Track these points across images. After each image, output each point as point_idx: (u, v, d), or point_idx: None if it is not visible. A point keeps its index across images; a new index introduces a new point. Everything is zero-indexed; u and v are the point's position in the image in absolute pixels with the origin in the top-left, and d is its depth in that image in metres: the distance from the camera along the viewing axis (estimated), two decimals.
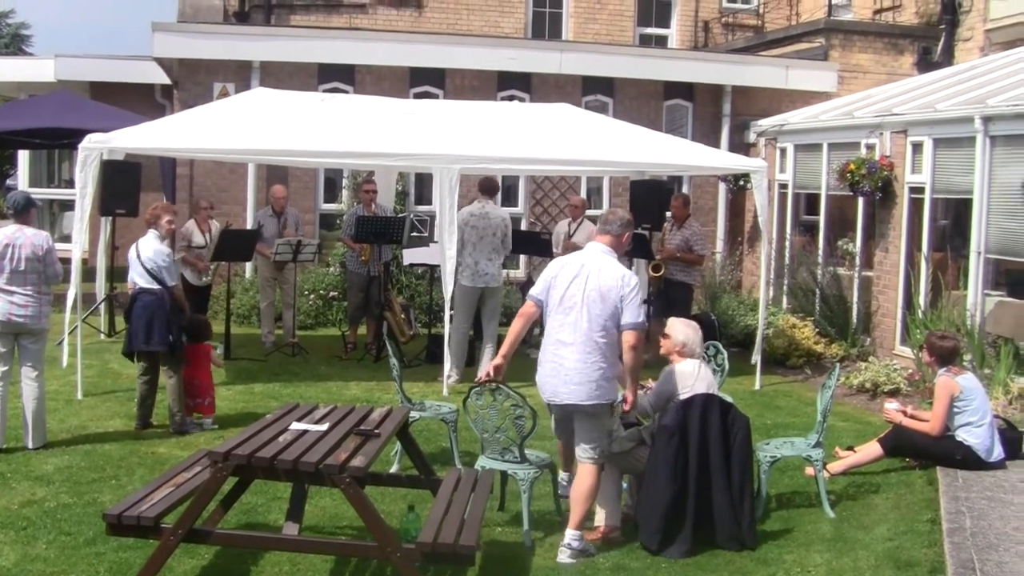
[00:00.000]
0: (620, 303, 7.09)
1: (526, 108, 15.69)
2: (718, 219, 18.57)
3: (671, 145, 13.69)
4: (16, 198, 9.32)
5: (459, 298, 12.39)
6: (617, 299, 7.09)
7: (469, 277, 12.44)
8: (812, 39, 19.09)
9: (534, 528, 7.43)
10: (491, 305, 12.75)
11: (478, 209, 12.60)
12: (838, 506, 8.22)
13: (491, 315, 12.76)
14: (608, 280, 7.13)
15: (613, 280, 7.13)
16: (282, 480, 6.42)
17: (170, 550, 6.06)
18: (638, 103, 18.24)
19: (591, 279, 7.15)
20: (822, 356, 13.97)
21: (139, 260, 9.93)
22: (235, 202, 16.77)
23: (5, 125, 17.33)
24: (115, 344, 13.66)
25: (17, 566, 6.64)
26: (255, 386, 11.90)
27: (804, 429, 9.87)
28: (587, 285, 7.14)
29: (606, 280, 7.13)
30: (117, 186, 12.64)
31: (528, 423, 7.25)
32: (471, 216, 12.54)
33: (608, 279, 7.13)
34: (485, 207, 12.61)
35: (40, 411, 9.19)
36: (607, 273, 7.17)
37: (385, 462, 8.68)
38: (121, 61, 21.06)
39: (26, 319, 8.97)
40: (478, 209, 12.60)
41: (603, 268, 7.20)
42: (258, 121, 12.31)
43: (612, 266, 7.24)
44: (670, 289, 13.61)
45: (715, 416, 7.28)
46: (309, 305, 15.93)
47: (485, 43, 18.07)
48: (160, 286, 9.90)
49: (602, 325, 7.10)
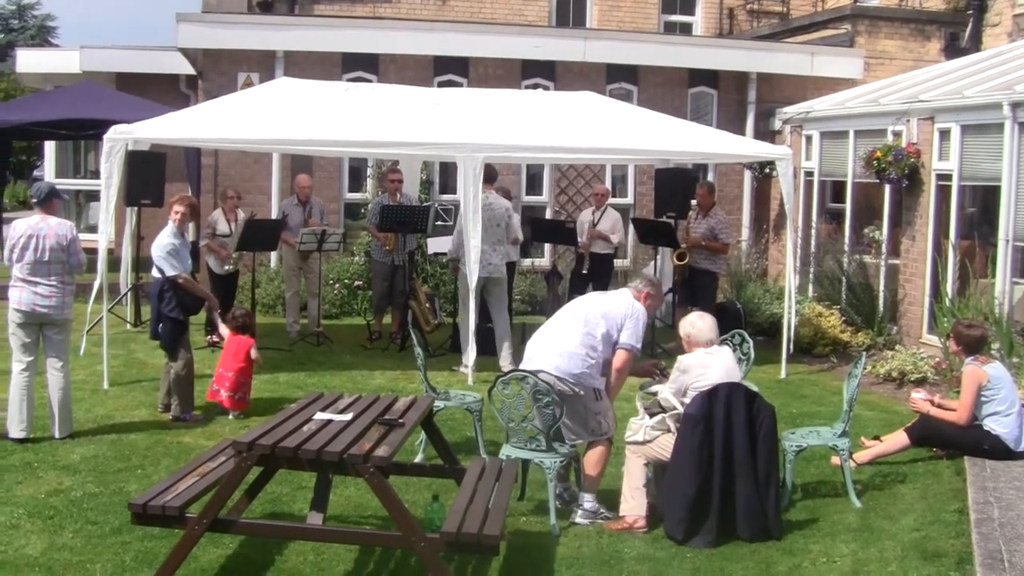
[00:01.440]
0: (622, 321, 7.61)
1: (550, 96, 15.64)
2: (743, 207, 18.48)
3: (696, 133, 13.63)
4: (40, 187, 9.36)
5: (463, 289, 12.48)
6: (621, 319, 7.62)
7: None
8: (838, 25, 18.96)
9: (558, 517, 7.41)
10: (497, 294, 12.75)
11: (482, 200, 12.55)
12: (864, 496, 8.17)
13: (499, 306, 12.76)
14: (618, 305, 7.74)
15: (623, 305, 7.73)
16: (306, 470, 6.42)
17: (195, 539, 6.07)
18: (663, 91, 18.17)
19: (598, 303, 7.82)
20: (848, 345, 13.89)
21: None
22: (260, 192, 16.79)
23: (32, 116, 17.45)
24: (140, 334, 13.75)
25: (44, 555, 6.67)
26: (280, 375, 11.92)
27: (830, 418, 9.83)
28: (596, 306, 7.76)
29: (617, 305, 7.73)
30: (142, 176, 12.69)
31: (556, 411, 7.24)
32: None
33: (619, 305, 7.74)
34: (488, 197, 12.51)
35: (66, 401, 9.23)
36: (619, 301, 7.81)
37: (409, 451, 8.68)
38: (146, 52, 21.10)
39: (50, 310, 9.01)
40: (482, 200, 12.55)
41: (618, 297, 7.86)
42: (282, 111, 12.32)
43: (627, 298, 7.82)
44: (695, 278, 13.58)
45: (740, 405, 7.24)
46: (334, 294, 15.96)
47: (509, 31, 18.04)
48: (161, 275, 9.99)
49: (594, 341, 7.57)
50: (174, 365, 10.04)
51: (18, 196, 36.17)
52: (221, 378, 10.18)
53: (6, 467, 8.38)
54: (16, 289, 8.99)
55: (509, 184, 16.66)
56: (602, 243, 14.48)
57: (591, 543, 7.17)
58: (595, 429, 7.64)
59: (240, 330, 10.35)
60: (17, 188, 38.03)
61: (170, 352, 10.07)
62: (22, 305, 8.95)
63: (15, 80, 35.42)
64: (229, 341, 10.30)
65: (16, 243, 8.95)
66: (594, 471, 7.64)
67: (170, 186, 13.68)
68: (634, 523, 7.38)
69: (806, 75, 18.17)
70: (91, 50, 20.85)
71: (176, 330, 10.08)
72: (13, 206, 32.31)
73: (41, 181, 13.19)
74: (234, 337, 10.30)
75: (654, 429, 7.57)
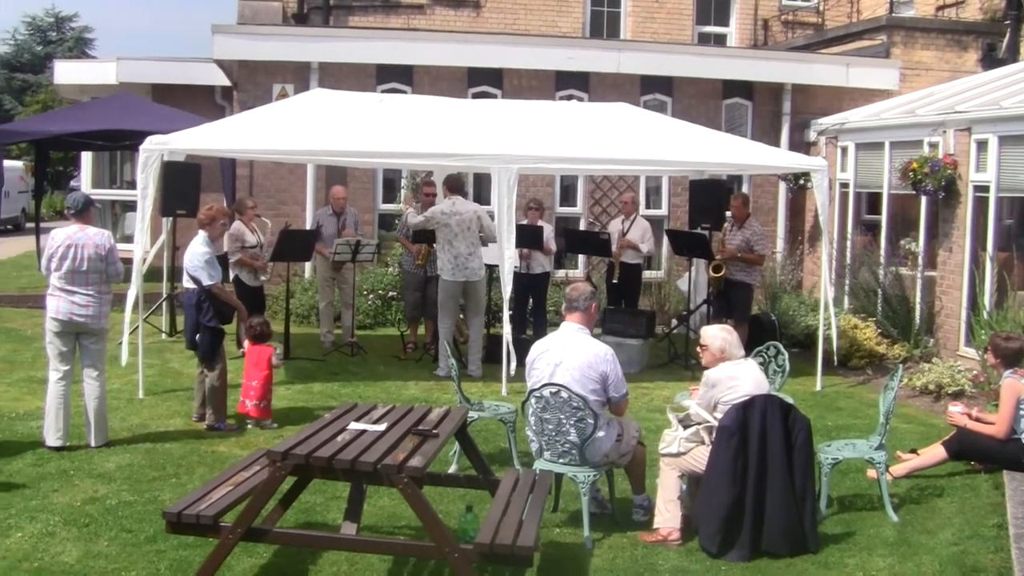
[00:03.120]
0: (605, 381, 7.43)
1: (584, 107, 15.63)
2: (778, 218, 18.42)
3: (730, 144, 13.58)
4: (76, 198, 9.41)
5: (442, 293, 12.71)
6: (601, 374, 7.41)
7: (450, 272, 12.58)
8: (873, 36, 18.87)
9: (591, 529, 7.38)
10: (475, 299, 12.82)
11: (448, 207, 12.63)
12: (901, 510, 8.10)
13: (476, 310, 12.85)
14: (588, 357, 7.43)
15: (593, 357, 7.43)
16: (340, 480, 6.42)
17: (229, 548, 6.08)
18: (697, 102, 18.13)
19: (569, 360, 7.43)
20: (884, 357, 13.79)
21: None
22: (294, 202, 16.87)
23: (69, 127, 17.60)
24: (175, 343, 13.82)
25: (80, 562, 6.71)
26: (314, 385, 11.94)
27: (866, 431, 9.76)
28: (568, 366, 7.41)
29: (586, 357, 7.43)
30: (178, 187, 12.75)
31: (589, 425, 7.23)
32: (442, 215, 12.61)
33: (588, 356, 7.44)
34: (455, 204, 12.63)
35: (102, 410, 9.29)
36: (587, 351, 7.48)
37: (443, 462, 8.67)
38: (182, 63, 21.24)
39: (87, 319, 9.06)
40: (448, 207, 12.63)
41: (582, 347, 7.50)
42: (317, 122, 12.36)
43: (589, 344, 7.55)
44: (730, 290, 13.51)
45: (776, 417, 7.19)
46: (368, 305, 15.98)
47: (543, 43, 18.05)
48: (196, 285, 10.03)
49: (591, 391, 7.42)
50: (210, 374, 10.08)
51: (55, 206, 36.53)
52: (247, 388, 10.19)
53: (43, 475, 8.43)
54: (54, 298, 9.05)
55: (543, 195, 16.68)
56: (632, 252, 14.46)
57: (625, 555, 7.14)
58: (624, 451, 7.68)
59: (258, 339, 10.37)
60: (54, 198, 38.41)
61: (208, 362, 10.11)
62: (59, 314, 9.01)
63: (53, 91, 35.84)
64: (250, 351, 10.30)
65: (54, 253, 9.02)
66: (639, 473, 7.83)
67: (205, 196, 13.75)
68: (668, 535, 7.34)
69: (841, 86, 18.11)
70: (128, 62, 21.00)
71: (214, 339, 10.13)
72: (50, 216, 32.63)
73: (76, 191, 13.25)
74: (253, 347, 10.32)
75: (688, 441, 7.53)
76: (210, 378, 10.06)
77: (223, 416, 10.11)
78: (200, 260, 10.02)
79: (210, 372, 10.08)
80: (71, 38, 54.40)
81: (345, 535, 6.75)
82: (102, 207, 20.89)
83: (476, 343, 12.77)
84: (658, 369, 13.38)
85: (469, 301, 12.87)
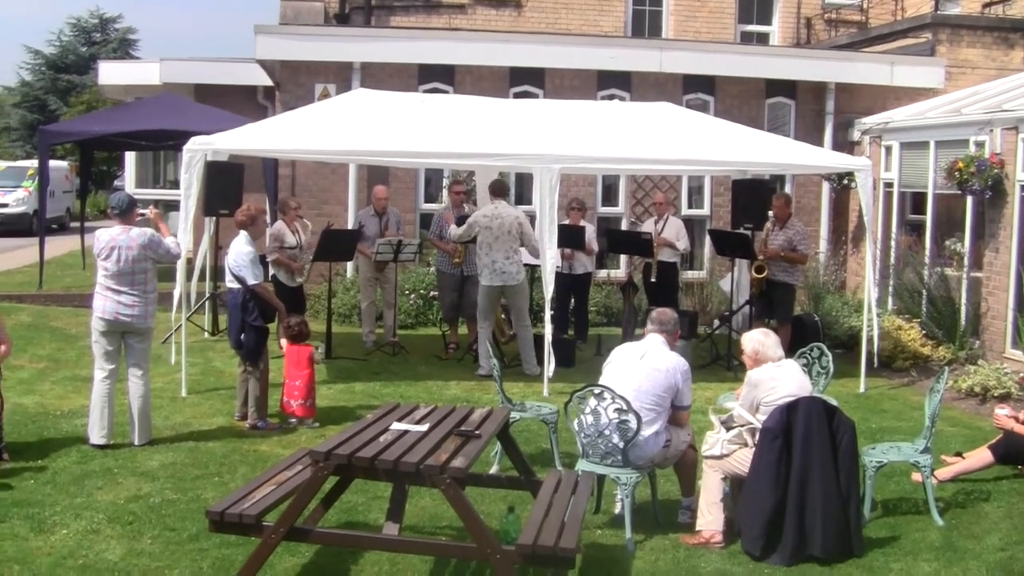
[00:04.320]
0: (675, 391, 7.51)
1: (626, 107, 15.60)
2: (821, 218, 18.28)
3: (773, 144, 13.50)
4: (120, 199, 9.45)
5: (481, 297, 12.76)
6: (673, 384, 7.50)
7: (488, 276, 12.60)
8: (918, 34, 18.68)
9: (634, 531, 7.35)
10: (517, 303, 12.81)
11: (490, 211, 12.65)
12: (947, 514, 8.02)
13: (519, 312, 12.81)
14: (667, 365, 7.53)
15: (671, 366, 7.53)
16: (382, 480, 6.42)
17: (271, 548, 6.10)
18: (739, 101, 18.04)
19: (647, 363, 7.55)
20: (929, 359, 13.68)
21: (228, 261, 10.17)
22: (336, 202, 16.92)
23: (113, 127, 17.73)
24: (218, 342, 13.89)
25: (123, 560, 6.76)
26: (356, 385, 11.97)
27: (910, 433, 9.67)
28: (644, 368, 7.52)
29: (665, 365, 7.53)
30: (220, 187, 12.79)
31: (632, 427, 7.20)
32: (483, 218, 12.64)
33: (667, 364, 7.54)
34: (497, 208, 12.64)
35: (146, 408, 9.35)
36: (666, 360, 7.59)
37: (485, 463, 8.66)
38: (224, 64, 21.37)
39: (133, 318, 9.13)
40: (490, 211, 12.65)
41: (662, 355, 7.62)
42: (359, 122, 12.39)
43: (670, 354, 7.67)
44: (772, 290, 13.42)
45: (820, 420, 7.13)
46: (409, 305, 16.01)
47: (585, 42, 18.01)
48: (240, 285, 10.07)
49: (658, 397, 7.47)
50: (253, 374, 10.11)
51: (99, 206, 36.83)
52: (291, 388, 10.22)
53: (87, 472, 8.50)
54: (100, 298, 9.13)
55: (585, 195, 16.64)
56: (668, 251, 14.45)
57: (667, 557, 7.10)
58: (672, 457, 7.67)
59: (296, 339, 10.39)
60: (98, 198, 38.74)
61: (253, 361, 10.14)
62: (106, 313, 9.09)
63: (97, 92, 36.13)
64: (289, 351, 10.33)
65: (99, 253, 9.11)
66: (689, 475, 7.82)
67: (248, 196, 13.75)
68: (711, 538, 7.30)
69: (886, 85, 17.93)
70: (171, 62, 21.16)
71: (259, 339, 10.17)
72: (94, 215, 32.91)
73: (120, 191, 13.34)
74: (292, 346, 10.35)
75: (731, 443, 7.49)
76: (253, 377, 10.10)
77: (265, 415, 10.15)
78: (245, 259, 10.06)
79: (253, 371, 10.12)
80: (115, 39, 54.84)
81: (387, 535, 6.76)
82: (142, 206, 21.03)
83: (527, 341, 12.72)
84: (700, 370, 13.28)
85: (510, 304, 12.87)
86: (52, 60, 54.12)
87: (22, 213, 31.16)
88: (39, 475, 8.41)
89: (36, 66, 54.67)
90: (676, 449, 7.61)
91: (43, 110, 51.71)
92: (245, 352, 10.16)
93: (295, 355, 10.29)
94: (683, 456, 7.71)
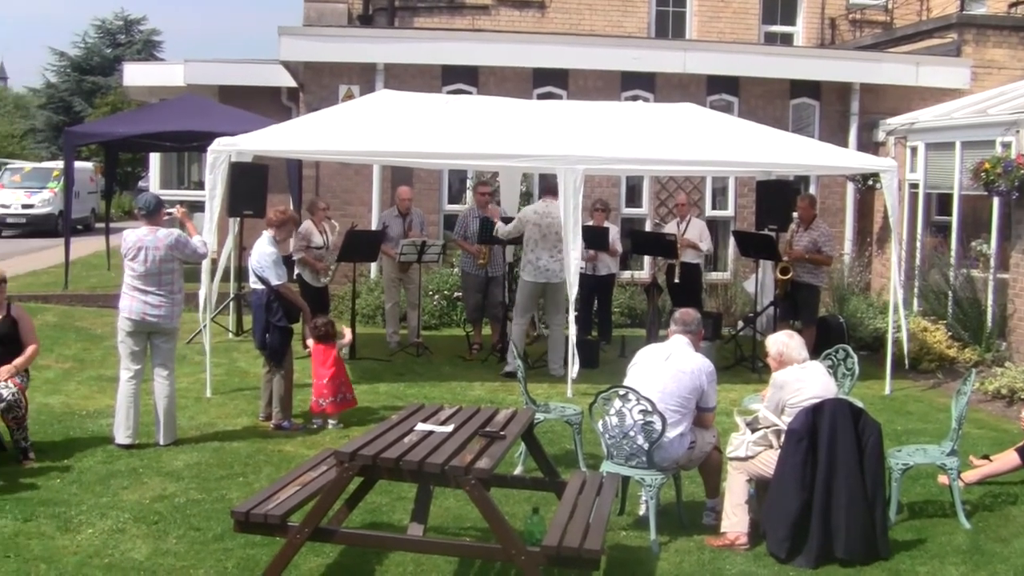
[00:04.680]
0: (699, 392, 7.49)
1: (650, 108, 15.58)
2: (846, 220, 18.21)
3: (798, 145, 13.45)
4: (148, 199, 9.50)
5: (520, 293, 12.82)
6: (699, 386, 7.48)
7: (531, 273, 12.64)
8: (944, 34, 18.58)
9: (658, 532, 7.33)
10: (555, 300, 12.81)
11: (541, 208, 12.70)
12: (974, 517, 7.96)
13: (556, 310, 12.82)
14: (692, 366, 7.51)
15: (696, 367, 7.51)
16: (407, 481, 6.41)
17: (296, 548, 6.11)
18: (763, 102, 17.99)
19: (672, 364, 7.54)
20: (955, 361, 13.61)
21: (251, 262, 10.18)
22: (360, 203, 16.95)
23: (137, 129, 17.80)
24: (242, 343, 13.93)
25: (149, 559, 6.78)
26: (380, 386, 11.98)
27: (936, 436, 9.62)
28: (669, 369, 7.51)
29: (690, 366, 7.50)
30: (244, 188, 12.83)
31: (657, 428, 7.18)
32: (534, 214, 12.69)
33: (692, 365, 7.52)
34: (548, 206, 12.63)
35: (171, 409, 9.38)
36: (691, 361, 7.57)
37: (509, 464, 8.65)
38: (248, 65, 21.43)
39: (160, 319, 9.17)
40: (541, 208, 12.70)
41: (687, 356, 7.61)
42: (383, 123, 12.40)
43: (695, 356, 7.65)
44: (797, 291, 13.38)
45: (846, 421, 7.10)
46: (433, 305, 16.02)
47: (608, 43, 17.99)
48: (264, 286, 10.07)
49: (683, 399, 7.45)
50: (278, 373, 10.13)
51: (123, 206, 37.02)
52: (319, 388, 10.24)
53: (113, 472, 8.53)
54: (127, 298, 9.17)
55: (608, 196, 16.62)
56: (691, 252, 14.44)
57: (692, 559, 7.08)
58: (697, 458, 7.66)
59: (323, 339, 10.40)
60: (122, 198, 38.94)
61: (277, 361, 10.16)
62: (133, 314, 9.12)
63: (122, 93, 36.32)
64: (315, 351, 10.35)
65: (126, 253, 9.16)
66: (714, 478, 7.80)
67: (272, 197, 13.83)
68: (736, 540, 7.28)
69: (911, 85, 17.84)
70: (195, 64, 21.22)
71: (284, 339, 10.19)
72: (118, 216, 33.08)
73: (146, 192, 13.38)
74: (318, 346, 10.36)
75: (756, 445, 7.47)
76: (277, 377, 10.12)
77: (290, 415, 10.17)
78: (268, 260, 10.08)
79: (278, 371, 10.14)
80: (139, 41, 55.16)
81: (412, 536, 6.77)
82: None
83: (558, 342, 12.70)
84: (724, 372, 13.23)
85: (549, 302, 12.87)
86: (77, 62, 54.48)
87: (47, 214, 31.40)
88: (65, 475, 8.45)
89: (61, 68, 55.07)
90: (701, 451, 7.59)
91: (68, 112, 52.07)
92: (269, 352, 10.18)
93: (321, 354, 10.30)
94: (708, 458, 7.68)
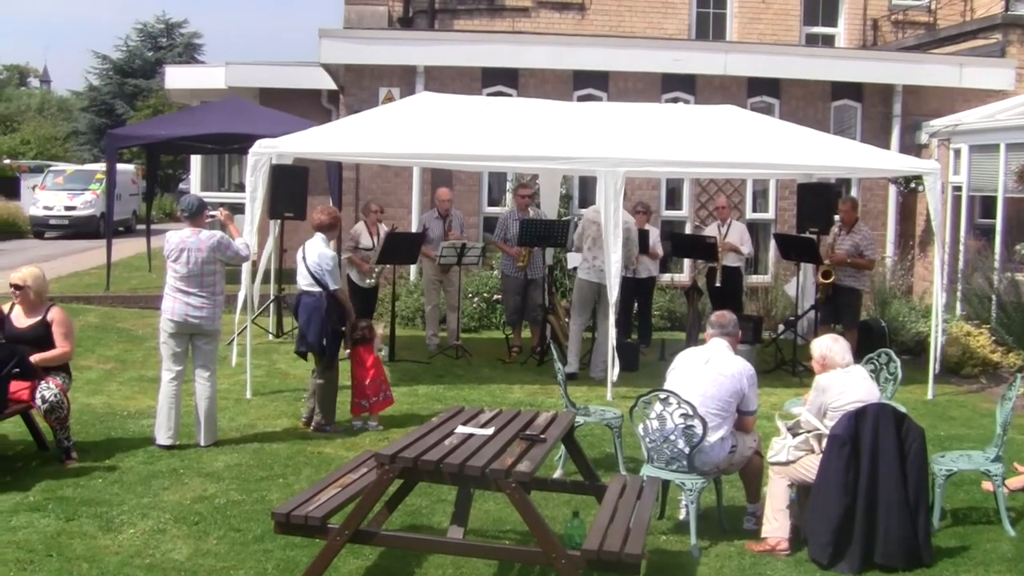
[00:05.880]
0: (740, 396, 7.46)
1: (691, 110, 15.50)
2: (888, 222, 18.07)
3: (839, 147, 13.35)
4: (190, 201, 9.55)
5: (577, 292, 12.86)
6: (739, 389, 7.44)
7: (587, 271, 12.66)
8: (988, 35, 18.42)
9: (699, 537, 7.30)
10: (607, 302, 12.64)
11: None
12: (1019, 524, 7.86)
13: (606, 313, 12.62)
14: (733, 370, 7.47)
15: (737, 371, 7.48)
16: (447, 483, 6.42)
17: (336, 550, 6.12)
18: (805, 104, 17.88)
19: (712, 367, 7.50)
20: (999, 366, 13.47)
21: (304, 262, 10.10)
22: (400, 205, 16.98)
23: (179, 131, 17.93)
24: (283, 344, 13.98)
25: (190, 560, 6.80)
26: (419, 388, 11.99)
27: (979, 441, 9.51)
28: (709, 373, 7.47)
29: (730, 370, 7.47)
30: (285, 190, 12.88)
31: (698, 432, 7.14)
32: (594, 213, 12.64)
33: (732, 369, 7.49)
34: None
35: (212, 410, 9.43)
36: (732, 365, 7.54)
37: (549, 467, 8.63)
38: (289, 68, 21.55)
39: (201, 320, 9.21)
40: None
41: (727, 360, 7.57)
42: (423, 125, 12.41)
43: (734, 359, 7.62)
44: (839, 295, 13.28)
45: (889, 426, 7.03)
46: (473, 308, 16.03)
47: (649, 45, 17.96)
48: (321, 289, 10.06)
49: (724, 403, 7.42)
50: (326, 376, 10.14)
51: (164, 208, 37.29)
52: (362, 389, 10.25)
53: (154, 473, 8.58)
54: (169, 299, 9.22)
55: (648, 199, 16.56)
56: (733, 255, 14.37)
57: (732, 564, 7.04)
58: (738, 462, 7.61)
59: (361, 342, 10.40)
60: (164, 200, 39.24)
61: (328, 363, 10.17)
62: (175, 315, 9.17)
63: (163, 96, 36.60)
64: (355, 353, 10.36)
65: (169, 255, 9.22)
66: (754, 482, 7.76)
67: (312, 199, 13.88)
68: (776, 545, 7.23)
69: (954, 87, 17.71)
70: (236, 66, 21.35)
71: (337, 342, 10.21)
72: (159, 218, 33.33)
73: (188, 194, 13.46)
74: (358, 348, 10.37)
75: (797, 449, 7.41)
76: (326, 379, 10.13)
77: (333, 419, 10.18)
78: (330, 263, 10.05)
79: (328, 373, 10.14)
80: (181, 44, 55.63)
81: (452, 539, 6.76)
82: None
83: (603, 346, 12.58)
84: (765, 375, 13.14)
85: (600, 304, 12.78)
86: (119, 65, 55.00)
87: (90, 216, 31.68)
88: (107, 475, 8.50)
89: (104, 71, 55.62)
90: (742, 455, 7.55)
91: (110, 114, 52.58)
92: (326, 355, 10.15)
93: (359, 356, 10.32)
94: (749, 462, 7.63)
